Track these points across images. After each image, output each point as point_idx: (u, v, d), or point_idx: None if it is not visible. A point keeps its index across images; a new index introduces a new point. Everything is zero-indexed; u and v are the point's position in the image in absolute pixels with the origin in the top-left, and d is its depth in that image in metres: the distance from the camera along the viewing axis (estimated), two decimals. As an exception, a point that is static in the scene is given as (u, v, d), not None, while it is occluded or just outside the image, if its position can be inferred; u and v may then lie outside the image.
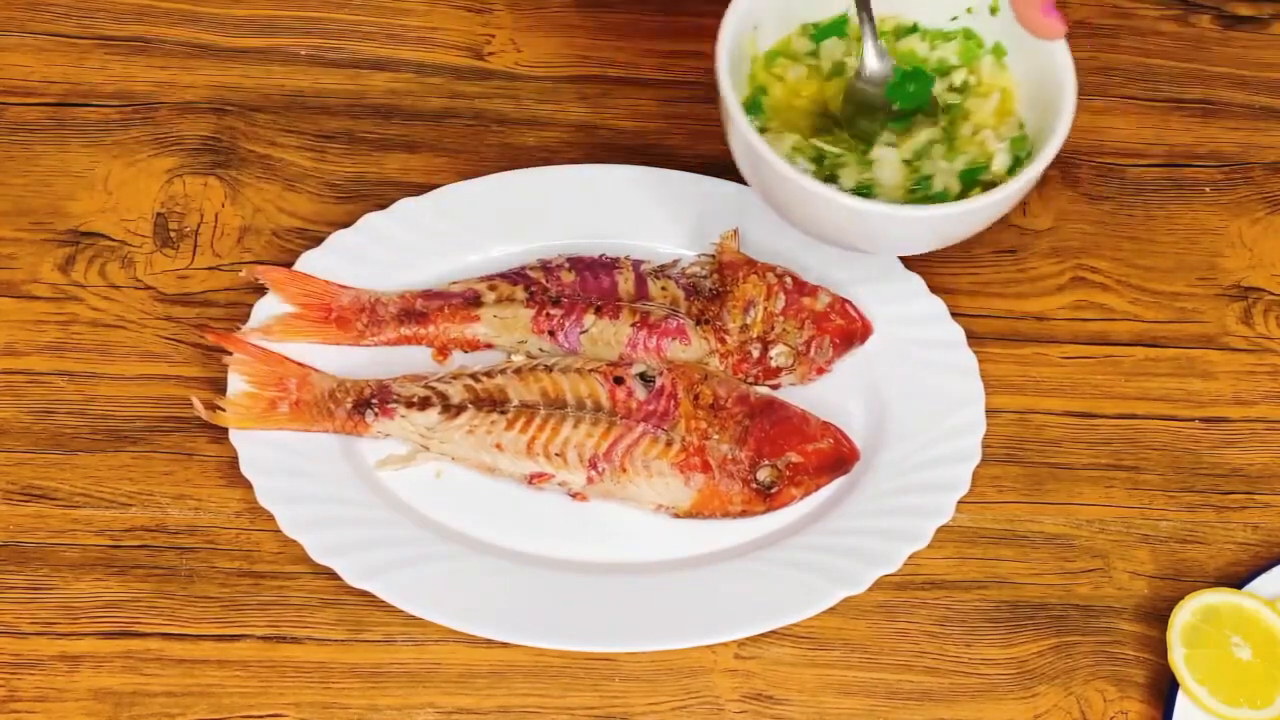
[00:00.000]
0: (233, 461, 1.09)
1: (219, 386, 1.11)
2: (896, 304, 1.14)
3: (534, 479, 1.09)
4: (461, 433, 1.09)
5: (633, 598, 1.06)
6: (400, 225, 1.16)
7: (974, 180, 1.07)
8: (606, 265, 1.15)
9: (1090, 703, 1.06)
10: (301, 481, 1.08)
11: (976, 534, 1.11)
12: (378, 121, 1.23)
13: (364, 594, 1.06)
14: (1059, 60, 1.05)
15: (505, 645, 1.06)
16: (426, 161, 1.21)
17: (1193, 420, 1.14)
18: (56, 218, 1.18)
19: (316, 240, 1.16)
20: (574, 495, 1.10)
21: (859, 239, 1.08)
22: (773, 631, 1.06)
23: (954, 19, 1.11)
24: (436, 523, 1.09)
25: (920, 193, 1.07)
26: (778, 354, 1.13)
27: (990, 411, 1.12)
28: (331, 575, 1.06)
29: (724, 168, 1.20)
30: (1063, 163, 1.22)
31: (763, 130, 1.08)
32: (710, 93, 1.25)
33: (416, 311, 1.14)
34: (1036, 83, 1.07)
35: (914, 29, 1.12)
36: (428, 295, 1.15)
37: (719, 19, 1.27)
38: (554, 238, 1.17)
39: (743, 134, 1.04)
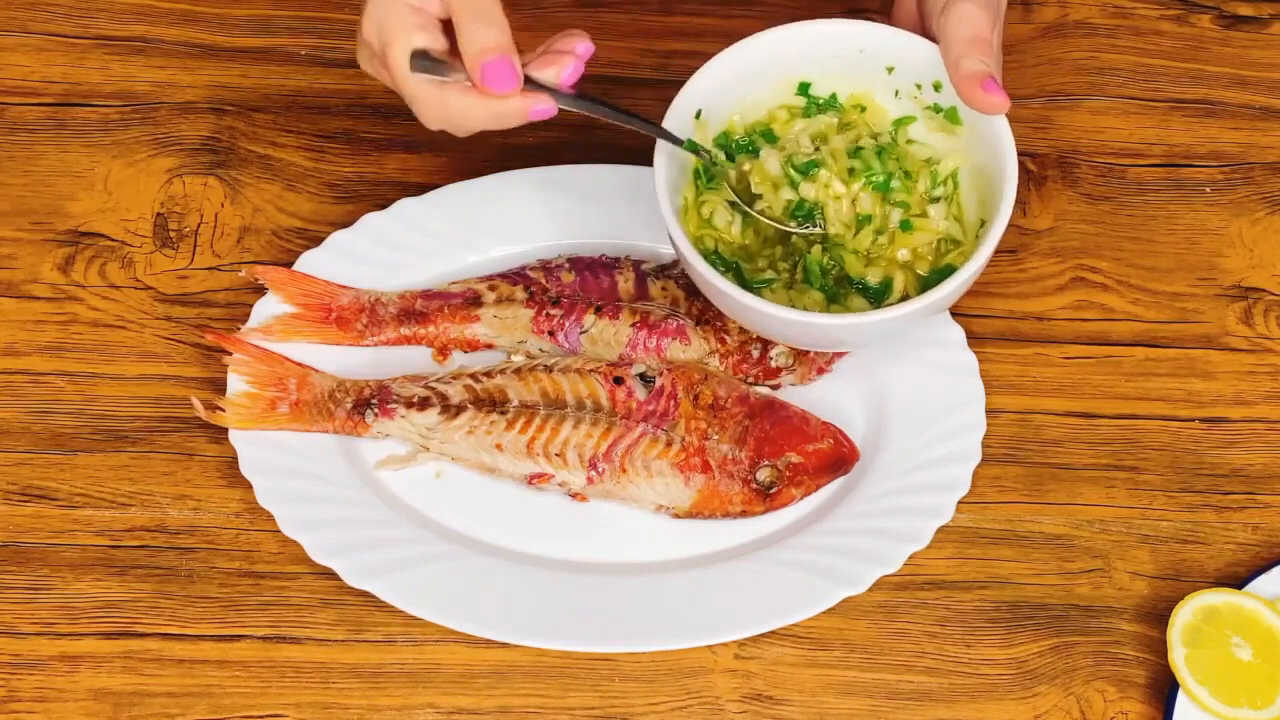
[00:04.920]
0: (232, 461, 1.09)
1: (219, 386, 1.11)
2: (896, 304, 1.14)
3: (534, 479, 1.09)
4: (461, 433, 1.09)
5: (633, 598, 1.06)
6: (400, 225, 1.16)
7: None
8: (606, 265, 1.15)
9: (1090, 703, 1.06)
10: (301, 481, 1.08)
11: (976, 534, 1.11)
12: (377, 121, 1.22)
13: (364, 594, 1.06)
14: (1002, 139, 1.03)
15: (505, 645, 1.06)
16: (426, 161, 1.21)
17: (1193, 420, 1.14)
18: (56, 218, 1.18)
19: (316, 240, 1.16)
20: (574, 495, 1.10)
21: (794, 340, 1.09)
22: (773, 631, 1.06)
23: (896, 93, 1.09)
24: (436, 523, 1.09)
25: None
26: (778, 354, 1.13)
27: (990, 411, 1.12)
28: (331, 575, 1.06)
29: (724, 168, 1.20)
30: (1063, 163, 1.22)
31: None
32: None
33: (416, 311, 1.14)
34: (982, 158, 1.06)
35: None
36: (428, 295, 1.15)
37: (718, 18, 1.28)
38: (554, 238, 1.17)
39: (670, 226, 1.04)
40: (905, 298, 1.06)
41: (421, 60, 1.00)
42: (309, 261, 1.15)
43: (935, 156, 1.09)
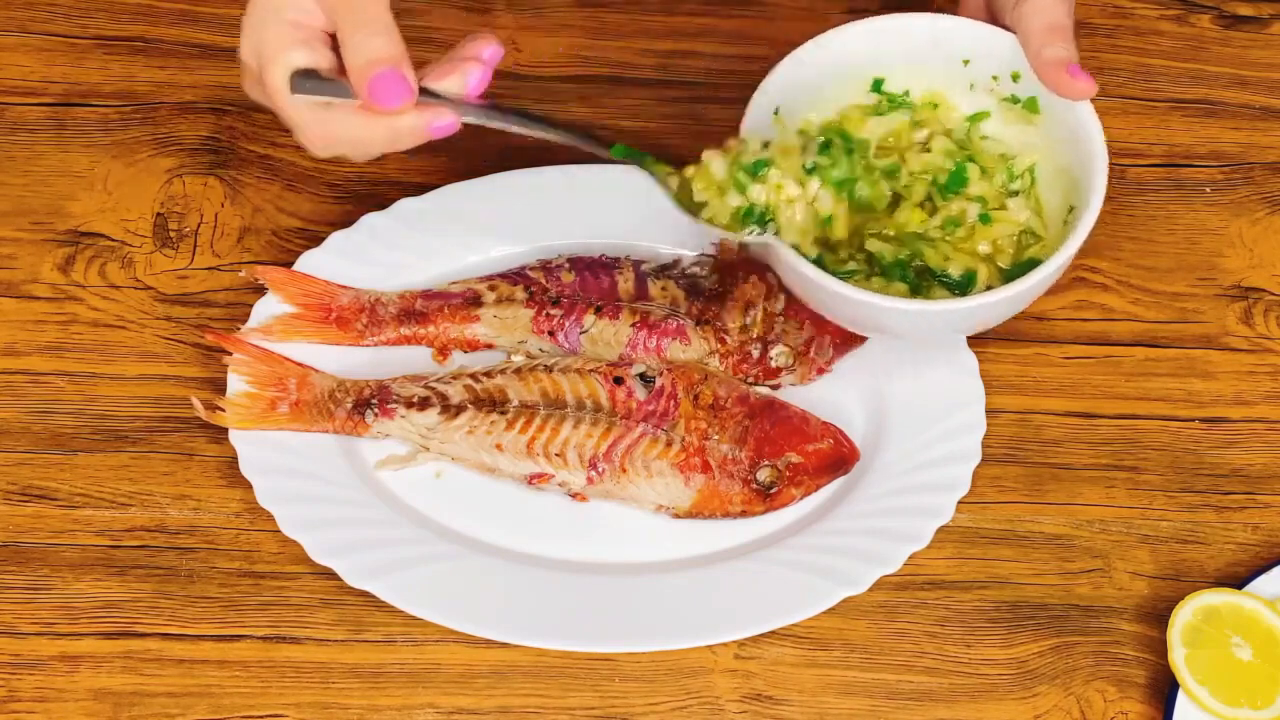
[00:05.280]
0: (232, 461, 1.09)
1: (219, 386, 1.11)
2: (896, 304, 1.14)
3: (534, 479, 1.09)
4: (461, 433, 1.09)
5: (633, 598, 1.06)
6: (400, 225, 1.16)
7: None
8: (606, 265, 1.15)
9: (1090, 703, 1.06)
10: (301, 481, 1.08)
11: (976, 534, 1.11)
12: (378, 121, 1.22)
13: (364, 594, 1.05)
14: (1088, 125, 1.04)
15: (505, 645, 1.06)
16: (426, 161, 1.21)
17: (1193, 420, 1.14)
18: (56, 218, 1.18)
19: (316, 240, 1.16)
20: (574, 495, 1.10)
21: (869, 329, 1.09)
22: (773, 631, 1.06)
23: (971, 86, 1.09)
24: (436, 523, 1.09)
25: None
26: (778, 354, 1.13)
27: (990, 411, 1.12)
28: (331, 575, 1.06)
29: (724, 168, 1.20)
30: (1063, 163, 1.22)
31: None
32: (710, 92, 1.25)
33: (416, 311, 1.14)
34: (1064, 147, 1.07)
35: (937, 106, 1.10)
36: (428, 295, 1.15)
37: (718, 18, 1.28)
38: (554, 238, 1.17)
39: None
40: (989, 290, 1.05)
41: (305, 80, 0.93)
42: (309, 261, 1.15)
43: (1010, 152, 1.09)
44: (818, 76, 1.08)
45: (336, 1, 0.92)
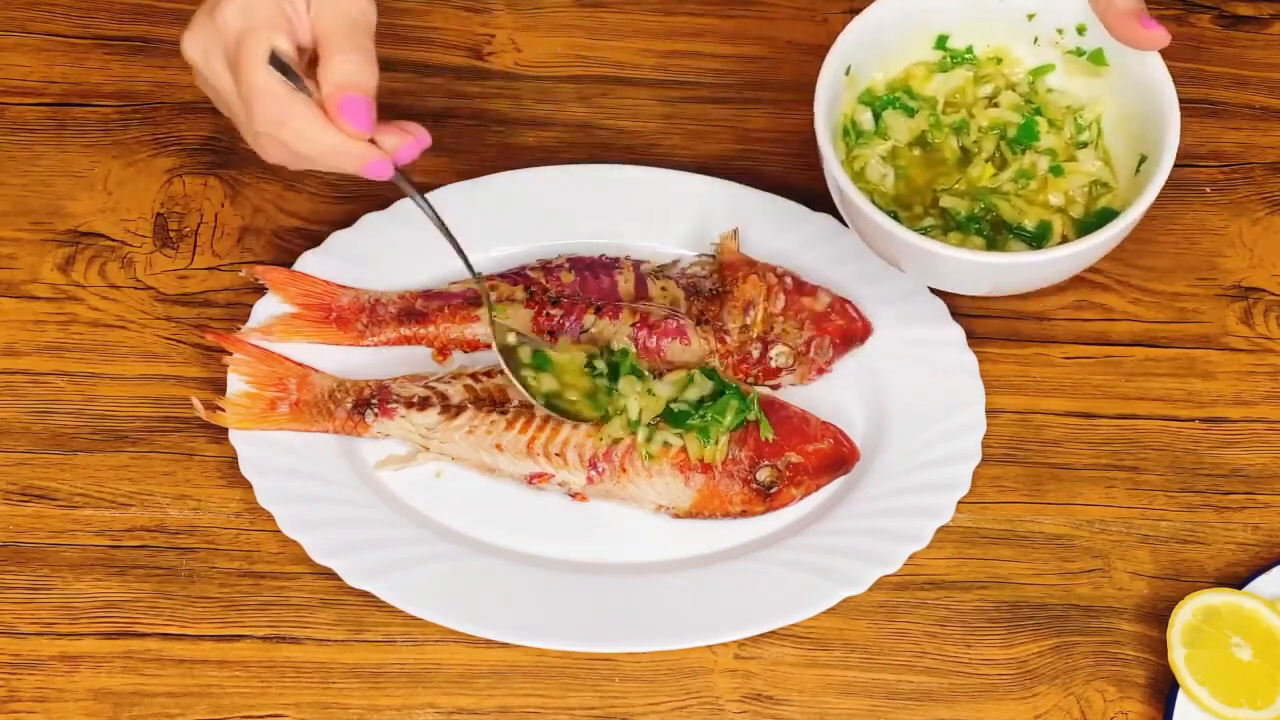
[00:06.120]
0: (232, 461, 1.09)
1: (219, 386, 1.11)
2: (897, 304, 1.14)
3: (534, 479, 1.09)
4: (461, 433, 1.09)
5: (633, 598, 1.06)
6: (400, 225, 1.16)
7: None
8: (606, 265, 1.15)
9: (1090, 703, 1.06)
10: (301, 481, 1.08)
11: (976, 534, 1.11)
12: (378, 121, 1.22)
13: (364, 594, 1.05)
14: (1157, 75, 1.06)
15: (505, 645, 1.06)
16: (427, 161, 1.20)
17: (1193, 420, 1.14)
18: (56, 218, 1.18)
19: (316, 240, 1.16)
20: (574, 495, 1.10)
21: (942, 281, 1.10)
22: (773, 631, 1.06)
23: (1035, 40, 1.10)
24: (436, 523, 1.09)
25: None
26: (778, 354, 1.13)
27: (990, 411, 1.12)
28: (331, 575, 1.06)
29: (723, 168, 1.20)
30: (1063, 163, 1.22)
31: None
32: (710, 92, 1.25)
33: (416, 311, 1.14)
34: (1131, 98, 1.08)
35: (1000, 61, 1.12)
36: (428, 295, 1.15)
37: (718, 18, 1.28)
38: (554, 238, 1.17)
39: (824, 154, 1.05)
40: (1064, 241, 1.07)
41: (273, 65, 0.95)
42: (309, 261, 1.15)
43: (1076, 104, 1.11)
44: (886, 35, 1.09)
45: (334, 23, 0.95)
